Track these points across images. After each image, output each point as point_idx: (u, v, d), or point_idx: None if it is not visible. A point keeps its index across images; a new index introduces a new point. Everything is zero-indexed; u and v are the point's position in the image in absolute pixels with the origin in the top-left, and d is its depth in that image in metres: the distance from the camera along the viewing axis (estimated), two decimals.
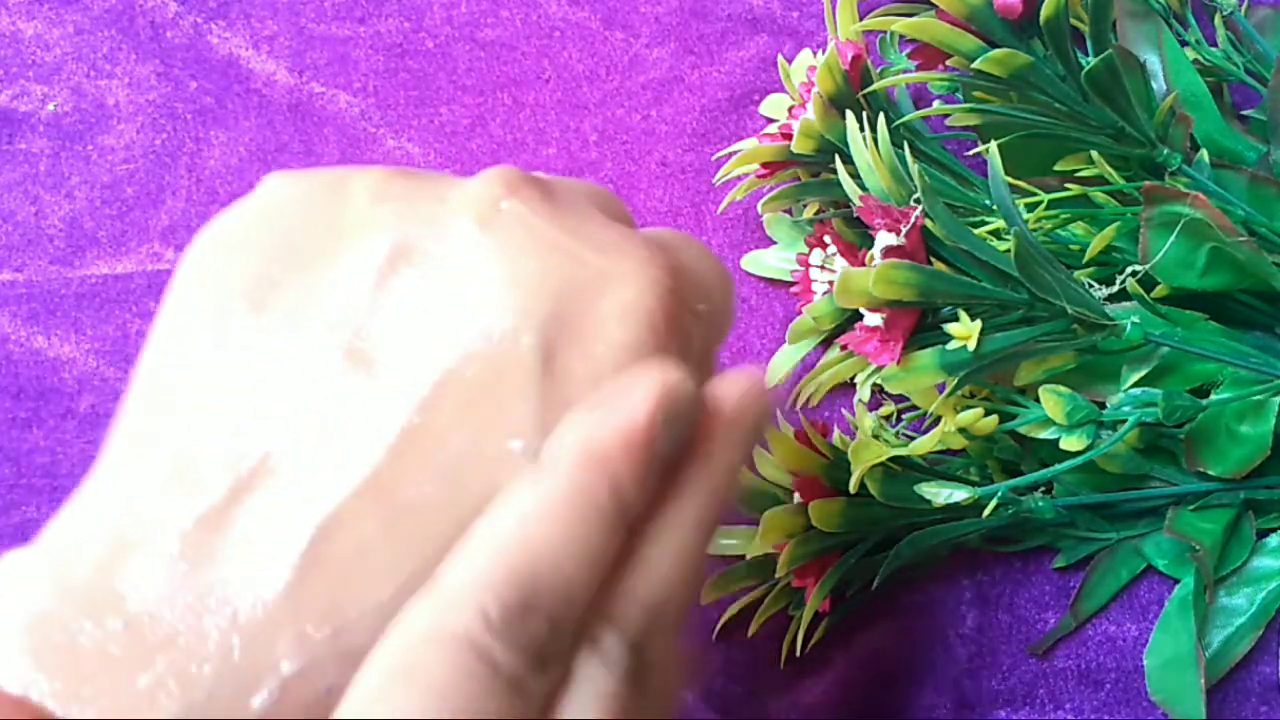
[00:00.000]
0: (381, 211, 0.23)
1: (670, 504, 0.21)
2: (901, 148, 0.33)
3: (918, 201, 0.31)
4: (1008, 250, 0.31)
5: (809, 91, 0.37)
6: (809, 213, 0.41)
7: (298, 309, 0.22)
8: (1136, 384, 0.35)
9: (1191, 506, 0.37)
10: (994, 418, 0.34)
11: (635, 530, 0.21)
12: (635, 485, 0.20)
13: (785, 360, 0.41)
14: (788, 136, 0.38)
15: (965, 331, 0.31)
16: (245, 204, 0.24)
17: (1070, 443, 0.33)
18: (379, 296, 0.21)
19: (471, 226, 0.22)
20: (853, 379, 0.38)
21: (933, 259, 0.32)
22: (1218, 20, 0.40)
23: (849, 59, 0.37)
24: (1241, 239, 0.34)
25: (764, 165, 0.39)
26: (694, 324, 0.23)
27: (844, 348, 0.37)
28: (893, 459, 0.35)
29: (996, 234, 0.35)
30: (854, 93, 0.37)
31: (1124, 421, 0.33)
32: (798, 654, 0.37)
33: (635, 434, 0.20)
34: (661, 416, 0.20)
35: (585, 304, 0.21)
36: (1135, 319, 0.33)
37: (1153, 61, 0.38)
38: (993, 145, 0.32)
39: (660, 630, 0.21)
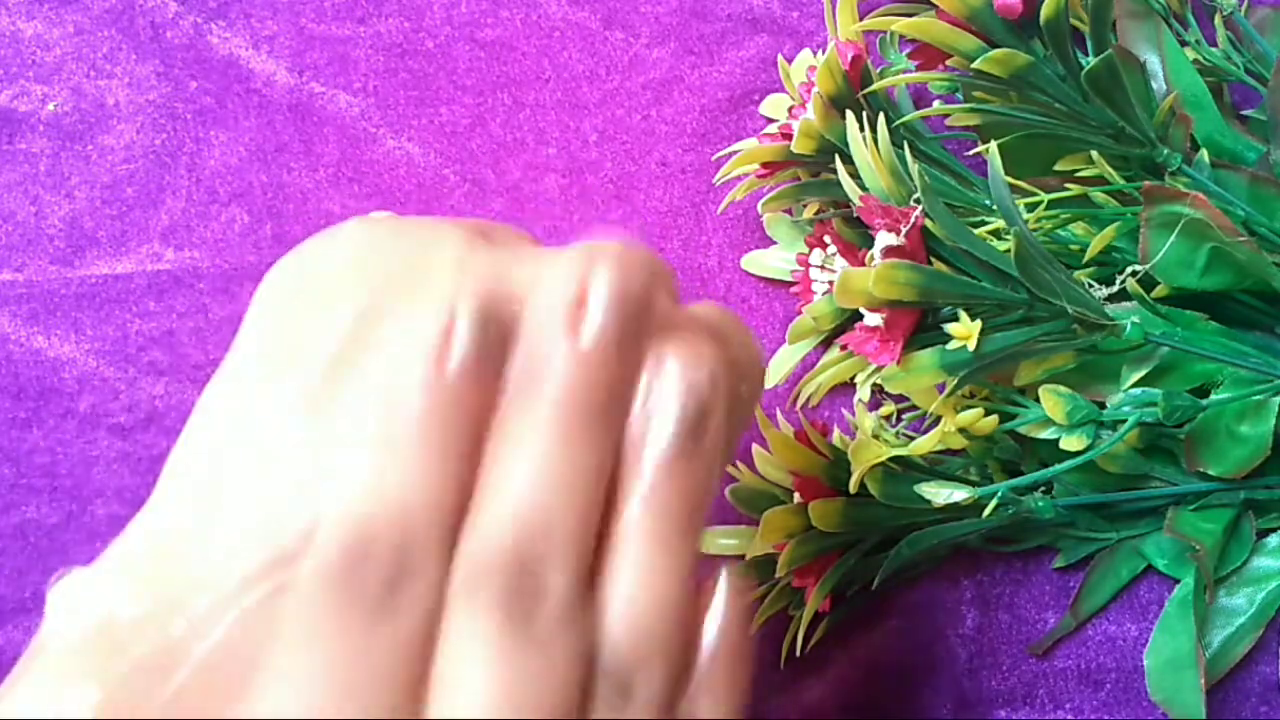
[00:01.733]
0: (464, 284, 0.22)
1: (527, 414, 0.21)
2: (901, 148, 0.33)
3: (918, 201, 0.31)
4: (1008, 250, 0.31)
5: (809, 91, 0.37)
6: (809, 213, 0.41)
7: (382, 374, 0.22)
8: (1136, 384, 0.35)
9: (1191, 506, 0.37)
10: (994, 418, 0.34)
11: (488, 449, 0.21)
12: (459, 393, 0.20)
13: (785, 360, 0.41)
14: (788, 136, 0.38)
15: (965, 331, 0.31)
16: (330, 248, 0.24)
17: (1070, 443, 0.33)
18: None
19: (546, 313, 0.22)
20: (853, 379, 0.38)
21: (933, 259, 0.32)
22: (1218, 20, 0.40)
23: (849, 59, 0.37)
24: (1241, 239, 0.34)
25: (764, 165, 0.39)
26: (735, 407, 0.24)
27: (844, 348, 0.37)
28: (893, 459, 0.35)
29: (996, 234, 0.35)
30: (854, 93, 0.37)
31: (1124, 421, 0.33)
32: (798, 654, 0.37)
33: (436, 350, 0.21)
34: (466, 323, 0.21)
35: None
36: (1135, 319, 0.33)
37: (1153, 61, 0.38)
38: (993, 145, 0.32)
39: (555, 562, 0.20)
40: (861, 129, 0.33)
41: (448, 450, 0.20)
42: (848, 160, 0.34)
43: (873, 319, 0.32)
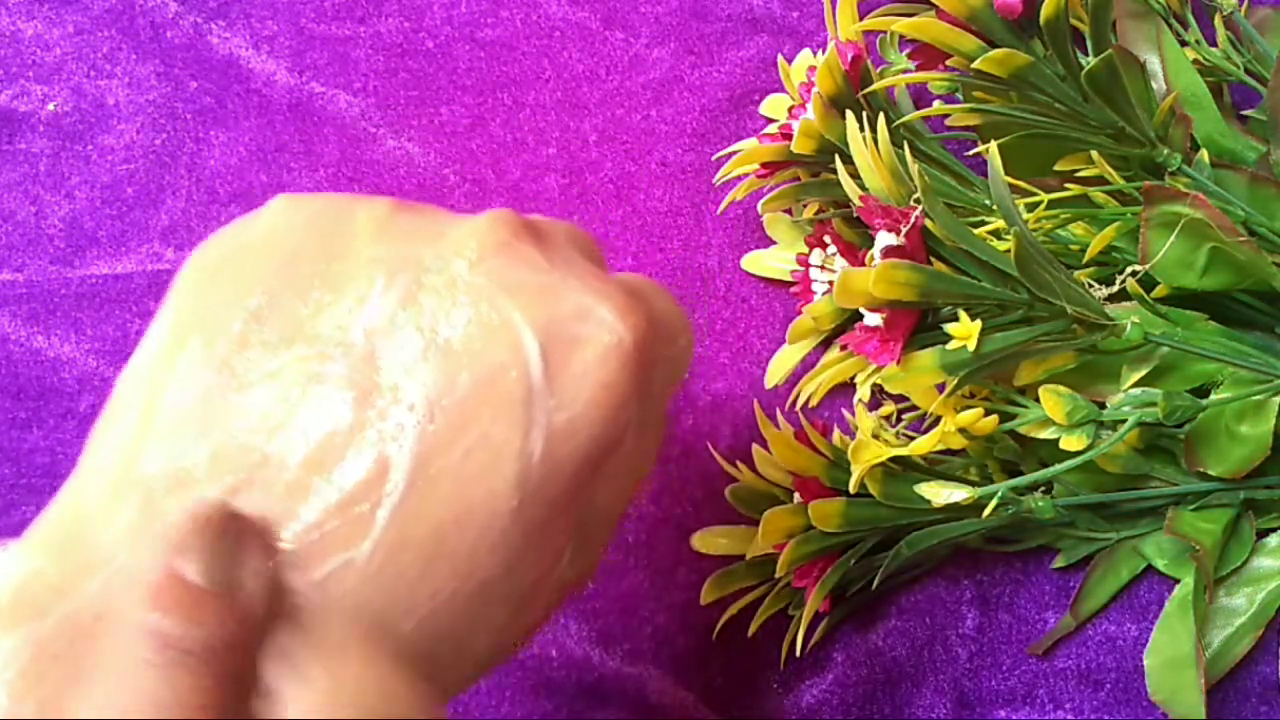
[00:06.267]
0: (384, 244, 0.24)
1: None
2: (901, 148, 0.33)
3: (918, 201, 0.31)
4: (1008, 250, 0.31)
5: (809, 91, 0.37)
6: (809, 213, 0.41)
7: (299, 331, 0.22)
8: (1136, 384, 0.35)
9: (1191, 506, 0.37)
10: (994, 418, 0.34)
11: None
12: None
13: (785, 360, 0.41)
14: (788, 136, 0.38)
15: (965, 331, 0.31)
16: (252, 222, 0.24)
17: (1070, 443, 0.33)
18: (378, 327, 0.22)
19: (468, 267, 0.23)
20: (853, 379, 0.38)
21: (933, 259, 0.32)
22: (1218, 20, 0.40)
23: (849, 59, 0.37)
24: (1241, 239, 0.34)
25: (764, 165, 0.39)
26: (658, 367, 0.25)
27: (844, 348, 0.37)
28: (893, 459, 0.35)
29: (996, 234, 0.35)
30: (854, 93, 0.37)
31: (1124, 421, 0.33)
32: (798, 654, 0.37)
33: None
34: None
35: (569, 344, 0.23)
36: (1135, 319, 0.33)
37: (1153, 61, 0.38)
38: (993, 145, 0.32)
39: None
40: (861, 129, 0.33)
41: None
42: (848, 160, 0.34)
43: (873, 319, 0.32)
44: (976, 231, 0.33)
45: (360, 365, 0.22)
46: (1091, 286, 0.34)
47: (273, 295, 0.23)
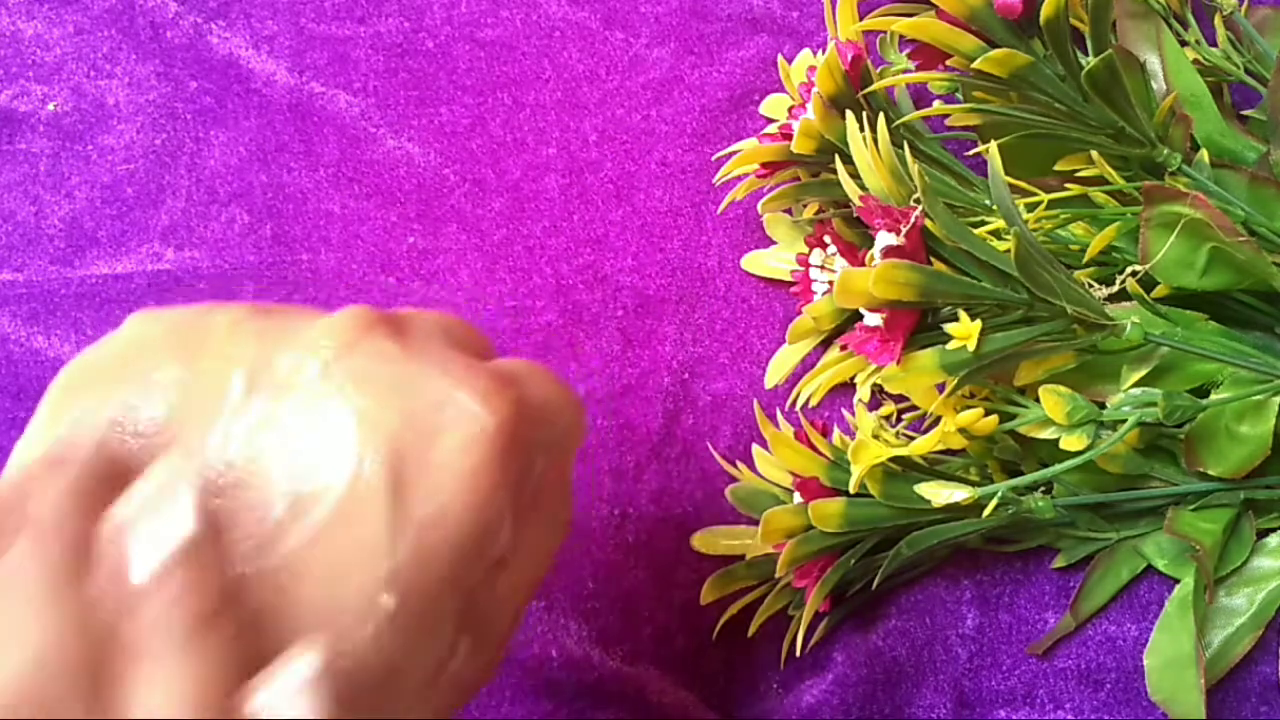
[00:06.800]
0: (239, 348, 0.24)
1: None
2: (901, 148, 0.33)
3: (918, 201, 0.31)
4: (1008, 250, 0.31)
5: (809, 91, 0.37)
6: (809, 213, 0.41)
7: (156, 440, 0.23)
8: (1136, 384, 0.35)
9: (1191, 506, 0.37)
10: (994, 418, 0.34)
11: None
12: None
13: (785, 360, 0.41)
14: (788, 136, 0.38)
15: (965, 331, 0.31)
16: (109, 341, 0.25)
17: (1070, 442, 0.33)
18: (233, 429, 0.22)
19: (321, 365, 0.23)
20: (853, 379, 0.38)
21: (933, 259, 0.32)
22: (1218, 20, 0.40)
23: (849, 59, 0.37)
24: (1241, 239, 0.34)
25: (764, 165, 0.39)
26: (535, 451, 0.25)
27: (844, 348, 0.37)
28: (893, 459, 0.35)
29: (996, 234, 0.35)
30: (854, 93, 0.37)
31: (1124, 421, 0.33)
32: (798, 654, 0.37)
33: None
34: None
35: (430, 436, 0.23)
36: (1135, 319, 0.33)
37: (1153, 61, 0.38)
38: (993, 145, 0.32)
39: None
40: (861, 129, 0.33)
41: None
42: (848, 160, 0.34)
43: (873, 319, 0.32)
44: (976, 231, 0.33)
45: (218, 470, 0.22)
46: (1091, 286, 0.34)
47: (133, 407, 0.23)
